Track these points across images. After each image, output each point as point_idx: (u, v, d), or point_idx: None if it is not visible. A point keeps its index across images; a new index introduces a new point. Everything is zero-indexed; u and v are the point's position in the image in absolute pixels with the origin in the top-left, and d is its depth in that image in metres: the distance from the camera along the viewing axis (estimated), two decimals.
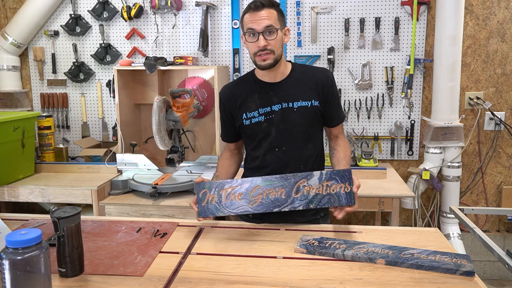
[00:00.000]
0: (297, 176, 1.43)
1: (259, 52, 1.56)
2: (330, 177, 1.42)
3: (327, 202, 1.42)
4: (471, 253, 3.01)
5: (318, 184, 1.42)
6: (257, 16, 1.55)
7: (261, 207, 1.43)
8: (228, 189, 1.45)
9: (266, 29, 1.55)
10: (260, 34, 1.55)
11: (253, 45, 1.57)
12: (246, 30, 1.58)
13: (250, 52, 1.61)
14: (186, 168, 2.59)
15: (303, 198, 1.42)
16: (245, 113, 1.66)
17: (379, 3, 2.82)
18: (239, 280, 1.20)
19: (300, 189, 1.42)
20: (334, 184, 1.41)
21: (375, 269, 1.24)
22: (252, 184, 1.45)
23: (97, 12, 3.00)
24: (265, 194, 1.44)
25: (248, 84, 1.71)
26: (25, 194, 2.47)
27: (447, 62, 2.65)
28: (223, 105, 1.73)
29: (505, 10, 2.79)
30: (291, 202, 1.43)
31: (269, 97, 1.65)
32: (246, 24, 1.58)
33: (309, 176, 1.42)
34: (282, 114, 1.64)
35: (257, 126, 1.65)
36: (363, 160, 2.72)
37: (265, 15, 1.55)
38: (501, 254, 1.44)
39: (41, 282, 1.04)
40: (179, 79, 3.01)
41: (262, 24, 1.54)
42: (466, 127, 2.89)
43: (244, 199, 1.44)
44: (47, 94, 3.15)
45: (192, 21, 2.97)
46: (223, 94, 1.74)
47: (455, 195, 2.83)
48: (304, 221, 1.67)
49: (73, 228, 1.21)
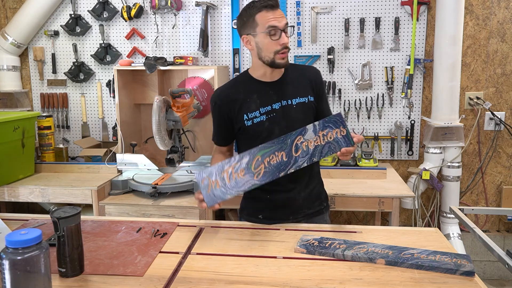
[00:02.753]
0: (292, 135, 1.41)
1: (282, 50, 1.57)
2: (324, 126, 1.41)
3: (328, 150, 1.41)
4: (471, 253, 3.01)
5: (315, 136, 1.41)
6: (277, 14, 1.56)
7: (266, 176, 1.41)
8: (229, 169, 1.42)
9: (286, 27, 1.57)
10: (282, 31, 1.56)
11: (275, 43, 1.57)
12: (267, 28, 1.55)
13: (267, 51, 1.59)
14: (186, 168, 2.59)
15: (304, 154, 1.40)
16: (246, 114, 1.65)
17: (379, 3, 2.82)
18: (239, 280, 1.20)
19: (299, 146, 1.41)
20: (329, 131, 1.41)
21: (375, 269, 1.24)
22: (251, 157, 1.41)
23: (97, 12, 3.00)
24: (267, 162, 1.41)
25: (245, 85, 1.70)
26: (25, 194, 2.47)
27: (447, 62, 2.65)
28: (219, 109, 1.70)
29: (505, 10, 2.79)
30: (294, 162, 1.40)
31: (268, 96, 1.66)
32: (265, 21, 1.56)
33: (304, 131, 1.41)
34: (283, 112, 1.64)
35: (259, 126, 1.65)
36: (363, 160, 2.72)
37: (282, 13, 1.58)
38: (501, 254, 1.44)
39: (41, 282, 1.04)
40: (179, 79, 3.01)
41: (283, 22, 1.56)
42: (466, 127, 2.89)
43: (248, 174, 1.41)
44: (47, 94, 3.15)
45: (192, 21, 2.97)
46: (218, 98, 1.70)
47: (455, 195, 2.83)
48: (312, 212, 1.75)
49: (73, 228, 1.21)
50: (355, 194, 2.36)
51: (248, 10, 1.59)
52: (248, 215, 1.76)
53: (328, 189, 2.41)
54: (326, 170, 2.67)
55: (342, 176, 2.66)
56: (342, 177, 2.66)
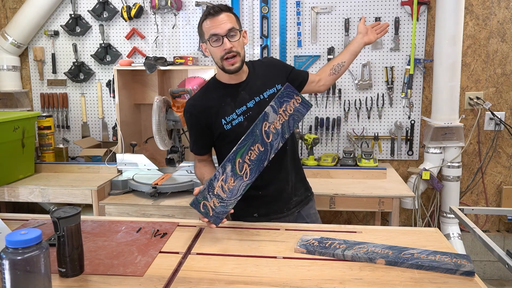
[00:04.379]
0: (257, 125, 1.49)
1: (226, 56, 1.59)
2: (280, 103, 1.52)
3: (294, 122, 1.53)
4: (471, 253, 3.01)
5: (277, 115, 1.52)
6: (217, 21, 1.58)
7: (253, 172, 1.49)
8: (219, 184, 1.47)
9: (229, 32, 1.58)
10: (224, 37, 1.58)
11: (218, 49, 1.60)
12: (209, 37, 1.59)
13: (215, 58, 1.63)
14: (186, 168, 2.59)
15: (276, 136, 1.51)
16: (224, 119, 1.67)
17: (379, 3, 2.82)
18: (239, 280, 1.20)
19: (268, 131, 1.50)
20: (287, 105, 1.52)
21: (375, 269, 1.24)
22: (232, 162, 1.48)
23: (97, 12, 3.00)
24: (248, 160, 1.48)
25: (215, 91, 1.72)
26: (25, 194, 2.48)
27: (447, 62, 2.65)
28: (196, 119, 1.71)
29: (505, 10, 2.79)
30: (270, 147, 1.50)
31: (241, 97, 1.69)
32: (207, 30, 1.60)
33: (265, 116, 1.51)
34: (259, 107, 1.66)
35: (239, 127, 1.67)
36: (363, 160, 2.72)
37: (225, 18, 1.59)
38: (501, 254, 1.44)
39: (41, 282, 1.04)
40: (179, 79, 3.01)
41: (224, 28, 1.58)
42: (466, 127, 2.89)
43: (237, 179, 1.48)
44: (47, 94, 3.15)
45: (192, 21, 2.97)
46: (193, 108, 1.72)
47: (455, 195, 2.83)
48: (301, 200, 1.83)
49: (73, 228, 1.21)
50: (355, 194, 2.36)
51: (200, 20, 1.64)
52: (243, 215, 1.72)
53: (328, 189, 2.43)
54: (326, 170, 2.67)
55: (342, 176, 2.66)
56: (342, 177, 2.66)
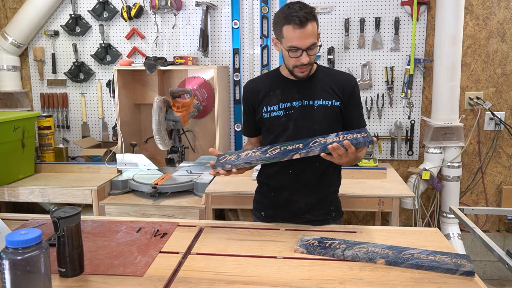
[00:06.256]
0: (314, 137, 1.49)
1: (301, 66, 1.56)
2: (346, 133, 1.48)
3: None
4: (471, 253, 3.01)
5: (336, 138, 1.47)
6: (303, 34, 1.50)
7: (278, 154, 1.46)
8: (248, 152, 1.52)
9: (309, 46, 1.52)
10: (304, 51, 1.52)
11: (295, 60, 1.55)
12: (289, 47, 1.53)
13: (287, 62, 1.60)
14: (186, 168, 2.59)
15: (319, 146, 1.44)
16: (266, 107, 1.67)
17: (379, 3, 2.82)
18: (239, 280, 1.20)
19: (317, 141, 1.47)
20: (350, 134, 1.46)
21: (375, 269, 1.24)
22: (271, 146, 1.52)
23: (97, 12, 3.00)
24: (283, 148, 1.49)
25: (272, 79, 1.72)
26: (25, 194, 2.48)
27: (447, 62, 2.65)
28: (246, 99, 1.75)
29: (505, 10, 2.79)
30: (308, 148, 1.44)
31: (291, 93, 1.66)
32: (289, 39, 1.51)
33: (325, 136, 1.49)
34: (302, 111, 1.64)
35: (275, 120, 1.65)
36: (363, 160, 2.71)
37: (310, 31, 1.50)
38: (501, 254, 1.44)
39: (41, 282, 1.04)
40: (179, 79, 3.01)
41: (307, 43, 1.51)
42: (466, 127, 2.88)
43: (262, 153, 1.50)
44: (47, 94, 3.15)
45: (192, 21, 2.97)
46: (246, 88, 1.76)
47: (455, 195, 2.83)
48: (315, 220, 1.68)
49: (73, 228, 1.21)
50: (355, 194, 2.35)
51: (280, 16, 1.54)
52: (255, 209, 1.81)
53: None
54: None
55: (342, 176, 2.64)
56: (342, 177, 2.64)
